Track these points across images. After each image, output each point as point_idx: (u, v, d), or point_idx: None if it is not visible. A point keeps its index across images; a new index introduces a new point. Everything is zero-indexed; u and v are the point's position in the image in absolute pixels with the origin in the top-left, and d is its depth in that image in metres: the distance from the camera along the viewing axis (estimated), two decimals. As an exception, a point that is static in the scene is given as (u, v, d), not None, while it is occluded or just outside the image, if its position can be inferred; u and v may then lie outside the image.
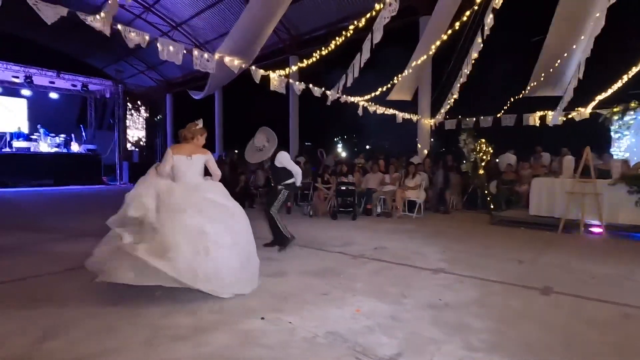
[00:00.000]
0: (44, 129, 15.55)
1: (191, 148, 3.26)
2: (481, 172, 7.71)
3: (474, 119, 11.51)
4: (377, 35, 6.63)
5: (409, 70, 9.35)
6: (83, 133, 17.32)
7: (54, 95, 17.30)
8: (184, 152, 3.19)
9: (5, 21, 14.09)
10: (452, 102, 10.67)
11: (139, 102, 20.00)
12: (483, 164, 7.74)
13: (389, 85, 9.99)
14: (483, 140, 7.81)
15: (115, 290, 2.78)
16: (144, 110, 20.23)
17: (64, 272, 3.47)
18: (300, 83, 8.61)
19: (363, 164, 9.92)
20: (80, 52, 19.87)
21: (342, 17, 12.46)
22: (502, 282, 3.29)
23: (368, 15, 6.92)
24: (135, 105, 19.83)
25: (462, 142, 7.92)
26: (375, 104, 10.55)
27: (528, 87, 9.76)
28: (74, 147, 16.38)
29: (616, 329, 2.39)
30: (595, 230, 5.67)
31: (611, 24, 6.98)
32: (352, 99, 9.77)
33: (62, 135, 16.15)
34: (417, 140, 11.74)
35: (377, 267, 3.79)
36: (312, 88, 8.68)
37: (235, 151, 15.88)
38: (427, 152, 11.31)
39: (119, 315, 2.50)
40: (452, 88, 10.29)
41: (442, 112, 11.15)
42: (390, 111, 11.15)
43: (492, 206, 7.11)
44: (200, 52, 6.53)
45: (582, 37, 7.62)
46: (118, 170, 17.43)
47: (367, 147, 27.40)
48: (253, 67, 7.45)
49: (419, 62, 9.19)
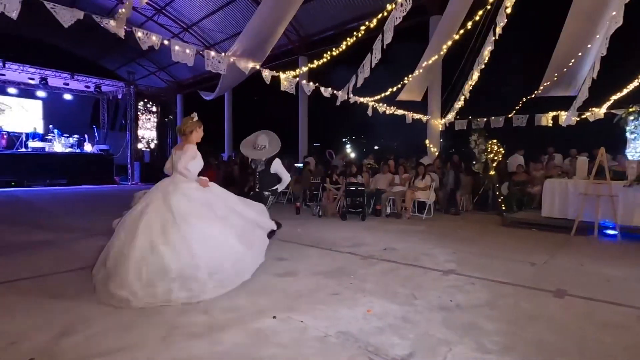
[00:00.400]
0: (57, 130, 15.89)
1: (183, 146, 3.38)
2: (492, 172, 7.64)
3: (485, 119, 11.40)
4: (388, 35, 6.61)
5: (420, 70, 9.30)
6: (96, 133, 17.60)
7: (67, 96, 17.64)
8: (179, 150, 3.38)
9: (22, 25, 14.43)
10: (462, 102, 10.57)
11: (150, 103, 20.29)
12: (494, 164, 7.67)
13: (399, 85, 9.95)
14: (494, 141, 7.73)
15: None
16: (155, 111, 20.51)
17: (81, 269, 3.55)
18: (310, 84, 8.64)
19: (372, 165, 9.90)
20: (93, 54, 20.30)
21: (350, 17, 12.48)
22: (514, 284, 3.26)
23: (380, 15, 6.91)
24: (146, 106, 20.12)
25: (473, 142, 7.85)
26: (385, 105, 10.52)
27: (541, 87, 9.62)
28: (87, 147, 16.69)
29: (631, 332, 2.36)
30: (610, 232, 5.58)
31: (627, 22, 6.84)
32: (361, 99, 9.76)
33: (76, 135, 16.47)
34: (427, 140, 11.68)
35: (387, 267, 3.80)
36: (322, 89, 8.71)
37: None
38: (437, 153, 11.26)
39: (135, 312, 2.55)
40: (463, 88, 10.19)
41: (452, 113, 11.06)
42: (399, 111, 11.11)
43: (503, 207, 7.04)
44: (212, 53, 6.61)
45: (598, 36, 7.48)
46: (130, 170, 17.68)
47: (375, 147, 27.31)
48: (263, 68, 7.51)
49: (429, 62, 9.13)
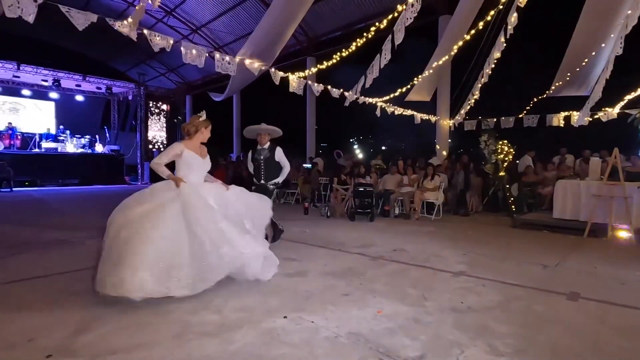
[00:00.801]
0: (68, 130, 16.18)
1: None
2: (502, 173, 7.56)
3: (495, 119, 11.29)
4: (399, 36, 6.59)
5: (429, 71, 9.25)
6: (107, 134, 17.88)
7: (79, 97, 17.95)
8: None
9: (36, 28, 14.75)
10: (472, 102, 10.49)
11: (159, 104, 20.53)
12: (505, 164, 7.59)
13: (408, 86, 9.91)
14: (505, 141, 7.65)
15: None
16: (165, 111, 20.74)
17: (94, 267, 3.60)
18: (319, 85, 8.65)
19: (380, 165, 9.88)
20: (104, 56, 20.62)
21: (359, 18, 12.48)
22: (526, 286, 3.23)
23: (390, 16, 6.88)
24: (156, 106, 20.37)
25: (483, 143, 7.78)
26: (393, 105, 10.49)
27: (552, 87, 9.49)
28: (98, 147, 16.97)
29: (648, 337, 2.31)
30: (624, 234, 5.48)
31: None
32: (370, 100, 9.74)
33: (87, 136, 16.76)
34: (435, 141, 11.61)
35: (396, 268, 3.79)
36: (331, 89, 8.72)
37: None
38: (445, 153, 11.18)
39: (148, 311, 2.58)
40: (473, 88, 10.11)
41: (461, 113, 10.98)
42: (408, 112, 11.06)
43: (513, 208, 6.96)
44: (222, 55, 6.67)
45: (612, 35, 7.35)
46: (139, 170, 17.91)
47: (383, 148, 27.21)
48: (273, 69, 7.55)
49: (439, 62, 9.08)
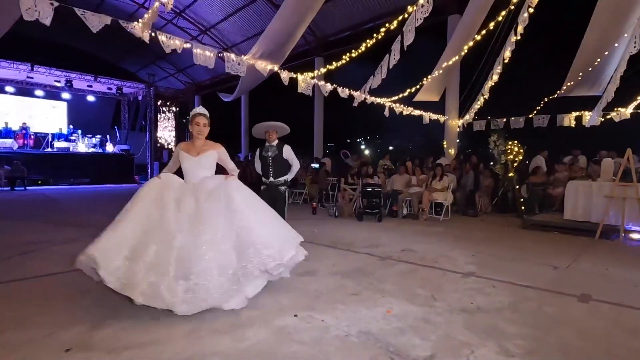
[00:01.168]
0: (80, 130, 16.47)
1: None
2: (512, 174, 7.50)
3: (504, 119, 11.19)
4: (408, 36, 6.57)
5: (439, 71, 9.20)
6: (117, 134, 18.15)
7: (90, 98, 18.26)
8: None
9: (49, 30, 15.04)
10: (481, 102, 10.41)
11: (168, 104, 20.77)
12: (515, 165, 7.53)
13: (417, 86, 9.88)
14: (515, 142, 7.59)
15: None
16: (174, 111, 20.97)
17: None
18: (327, 85, 8.68)
19: (388, 165, 9.87)
20: (115, 57, 20.92)
21: (367, 18, 12.47)
22: (536, 287, 3.21)
23: (400, 17, 6.87)
24: (165, 107, 20.61)
25: (492, 143, 7.72)
26: (402, 105, 10.46)
27: (564, 87, 9.37)
28: (109, 147, 17.24)
29: (662, 340, 2.29)
30: (636, 236, 5.40)
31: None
32: (378, 100, 9.73)
33: (98, 136, 17.04)
34: (444, 141, 11.55)
35: (405, 269, 3.79)
36: (339, 89, 8.74)
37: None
38: (453, 153, 11.12)
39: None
40: (482, 88, 10.04)
41: (470, 113, 10.91)
42: (416, 112, 11.02)
43: (523, 209, 6.90)
44: (232, 56, 6.73)
45: (626, 34, 7.23)
46: (149, 170, 18.14)
47: (390, 148, 27.16)
48: (282, 70, 7.59)
49: (449, 62, 9.03)
